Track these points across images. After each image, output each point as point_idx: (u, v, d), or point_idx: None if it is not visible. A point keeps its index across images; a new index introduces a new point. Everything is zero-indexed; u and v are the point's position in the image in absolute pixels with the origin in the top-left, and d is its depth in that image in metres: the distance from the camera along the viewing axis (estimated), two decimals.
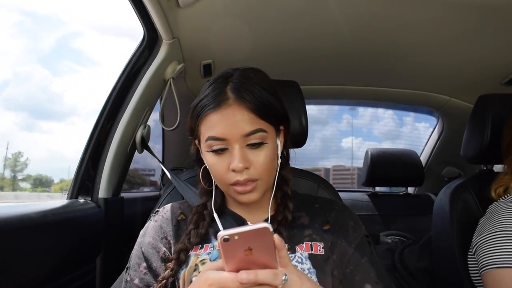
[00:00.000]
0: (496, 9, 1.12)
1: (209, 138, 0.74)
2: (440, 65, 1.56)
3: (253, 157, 0.74)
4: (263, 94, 0.74)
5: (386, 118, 3.13)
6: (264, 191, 0.78)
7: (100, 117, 1.26)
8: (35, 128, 55.25)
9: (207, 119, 0.74)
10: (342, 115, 3.25)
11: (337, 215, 0.84)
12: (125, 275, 0.82)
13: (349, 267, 0.77)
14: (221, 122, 0.72)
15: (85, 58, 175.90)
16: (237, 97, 0.73)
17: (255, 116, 0.73)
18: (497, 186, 1.09)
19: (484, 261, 0.95)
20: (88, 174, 1.25)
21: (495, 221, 0.97)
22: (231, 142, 0.73)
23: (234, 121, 0.72)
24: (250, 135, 0.73)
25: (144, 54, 1.30)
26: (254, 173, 0.74)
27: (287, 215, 0.79)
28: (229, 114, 0.72)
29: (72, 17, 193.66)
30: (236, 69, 0.79)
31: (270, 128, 0.76)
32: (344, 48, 1.45)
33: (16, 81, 62.10)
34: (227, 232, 0.52)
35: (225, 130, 0.72)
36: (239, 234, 0.52)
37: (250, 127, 0.72)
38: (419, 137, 2.57)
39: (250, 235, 0.52)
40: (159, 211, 0.88)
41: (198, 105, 0.75)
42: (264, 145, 0.74)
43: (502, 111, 1.17)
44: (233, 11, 1.19)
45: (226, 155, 0.74)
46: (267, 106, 0.74)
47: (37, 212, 0.97)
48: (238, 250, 0.53)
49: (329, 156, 3.48)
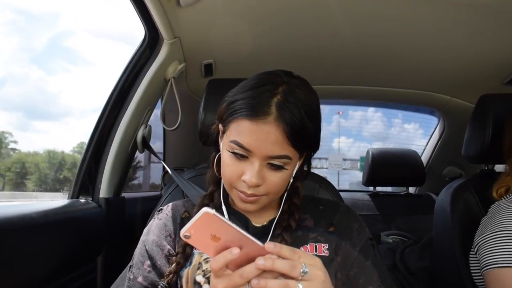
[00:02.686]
0: (497, 9, 1.12)
1: (235, 142, 0.71)
2: (441, 65, 1.56)
3: (268, 176, 0.72)
4: (305, 121, 0.70)
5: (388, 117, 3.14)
6: (264, 206, 0.78)
7: (101, 117, 1.26)
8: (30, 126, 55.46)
9: (240, 122, 0.70)
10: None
11: (341, 217, 0.84)
12: (128, 273, 0.82)
13: (353, 269, 0.77)
14: (254, 134, 0.69)
15: (78, 57, 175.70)
16: (279, 116, 0.68)
17: (287, 141, 0.69)
18: (499, 186, 1.09)
19: (486, 261, 0.95)
20: (89, 174, 1.25)
21: (497, 221, 0.97)
22: (255, 155, 0.70)
23: (266, 140, 0.69)
24: (275, 158, 0.71)
25: (145, 53, 1.30)
26: (262, 190, 0.73)
27: (292, 224, 0.78)
28: (264, 130, 0.69)
29: (69, 17, 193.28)
30: (289, 75, 0.75)
31: (296, 154, 0.73)
32: (346, 48, 1.45)
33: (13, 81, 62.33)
34: (184, 229, 0.53)
35: (254, 143, 0.69)
36: (190, 228, 0.53)
37: (279, 151, 0.70)
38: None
39: (200, 225, 0.53)
40: (163, 209, 0.88)
41: (239, 102, 0.71)
42: (283, 170, 0.72)
43: (503, 111, 1.17)
44: (234, 11, 1.19)
45: (244, 163, 0.72)
46: (302, 132, 0.70)
47: (38, 212, 0.97)
48: (205, 241, 0.54)
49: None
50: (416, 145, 2.54)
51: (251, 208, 0.75)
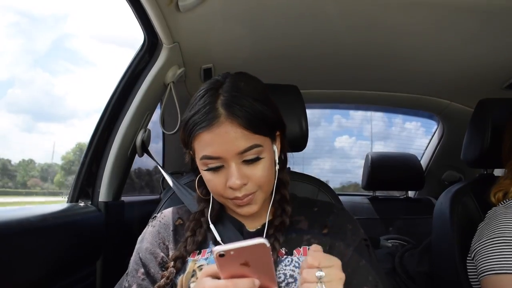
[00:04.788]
0: (496, 14, 1.13)
1: (203, 157, 0.72)
2: (440, 70, 1.56)
3: (250, 172, 0.72)
4: (256, 107, 0.71)
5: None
6: (263, 201, 0.78)
7: (100, 121, 1.26)
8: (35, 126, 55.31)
9: (200, 138, 0.71)
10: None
11: (335, 218, 0.84)
12: (124, 281, 0.82)
13: (347, 270, 0.77)
14: (215, 141, 0.70)
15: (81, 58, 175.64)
16: (229, 114, 0.69)
17: (248, 132, 0.70)
18: (497, 190, 1.09)
19: (483, 267, 0.94)
20: (88, 178, 1.25)
21: (494, 227, 0.97)
22: (227, 160, 0.71)
23: (227, 140, 0.69)
24: (245, 152, 0.71)
25: (145, 58, 1.30)
26: (252, 187, 0.73)
27: (285, 219, 0.79)
28: (221, 132, 0.69)
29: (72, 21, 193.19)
30: (226, 75, 0.77)
31: (265, 140, 0.74)
32: (344, 52, 1.45)
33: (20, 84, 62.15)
34: (223, 248, 0.52)
35: (219, 149, 0.70)
36: (235, 250, 0.52)
37: (245, 144, 0.70)
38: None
39: (246, 251, 0.52)
40: (157, 217, 0.88)
41: (190, 122, 0.72)
42: (261, 160, 0.73)
43: (502, 115, 1.17)
44: (233, 15, 1.20)
45: (223, 172, 0.72)
46: (260, 119, 0.72)
47: (37, 216, 0.97)
48: (234, 264, 0.53)
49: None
50: (419, 143, 2.55)
51: (251, 209, 0.76)
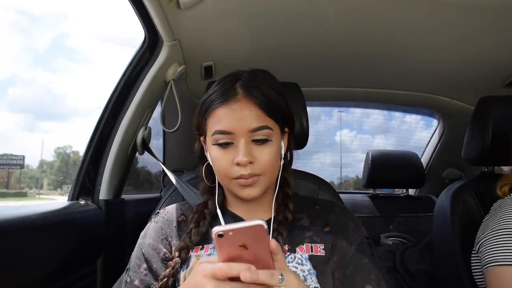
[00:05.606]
0: (498, 11, 1.12)
1: (216, 132, 0.75)
2: (441, 67, 1.56)
3: (257, 152, 0.75)
4: (271, 93, 0.77)
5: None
6: (265, 188, 0.79)
7: (101, 119, 1.26)
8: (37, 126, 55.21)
9: (215, 113, 0.76)
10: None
11: (337, 216, 0.84)
12: (125, 276, 0.82)
13: (349, 268, 0.77)
14: (229, 116, 0.74)
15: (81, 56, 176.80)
16: (246, 93, 0.75)
17: (262, 113, 0.75)
18: (503, 184, 1.10)
19: (487, 259, 0.95)
20: (89, 176, 1.25)
21: (499, 218, 0.97)
22: (237, 136, 0.74)
23: (241, 116, 0.74)
24: (256, 131, 0.74)
25: (145, 56, 1.30)
26: (257, 168, 0.75)
27: (288, 215, 0.80)
28: (237, 108, 0.74)
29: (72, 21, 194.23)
30: (245, 70, 0.81)
31: (276, 126, 0.78)
32: (345, 50, 1.45)
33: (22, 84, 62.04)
34: (222, 228, 0.52)
35: (232, 124, 0.74)
36: (233, 231, 0.52)
37: (257, 123, 0.74)
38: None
39: (245, 232, 0.53)
40: (160, 212, 0.88)
41: (207, 100, 0.78)
42: (269, 142, 0.76)
43: (503, 113, 1.17)
44: (233, 13, 1.20)
45: (231, 149, 0.75)
46: (275, 104, 0.77)
47: (38, 214, 0.97)
48: (232, 246, 0.53)
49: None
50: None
51: (254, 192, 0.76)
